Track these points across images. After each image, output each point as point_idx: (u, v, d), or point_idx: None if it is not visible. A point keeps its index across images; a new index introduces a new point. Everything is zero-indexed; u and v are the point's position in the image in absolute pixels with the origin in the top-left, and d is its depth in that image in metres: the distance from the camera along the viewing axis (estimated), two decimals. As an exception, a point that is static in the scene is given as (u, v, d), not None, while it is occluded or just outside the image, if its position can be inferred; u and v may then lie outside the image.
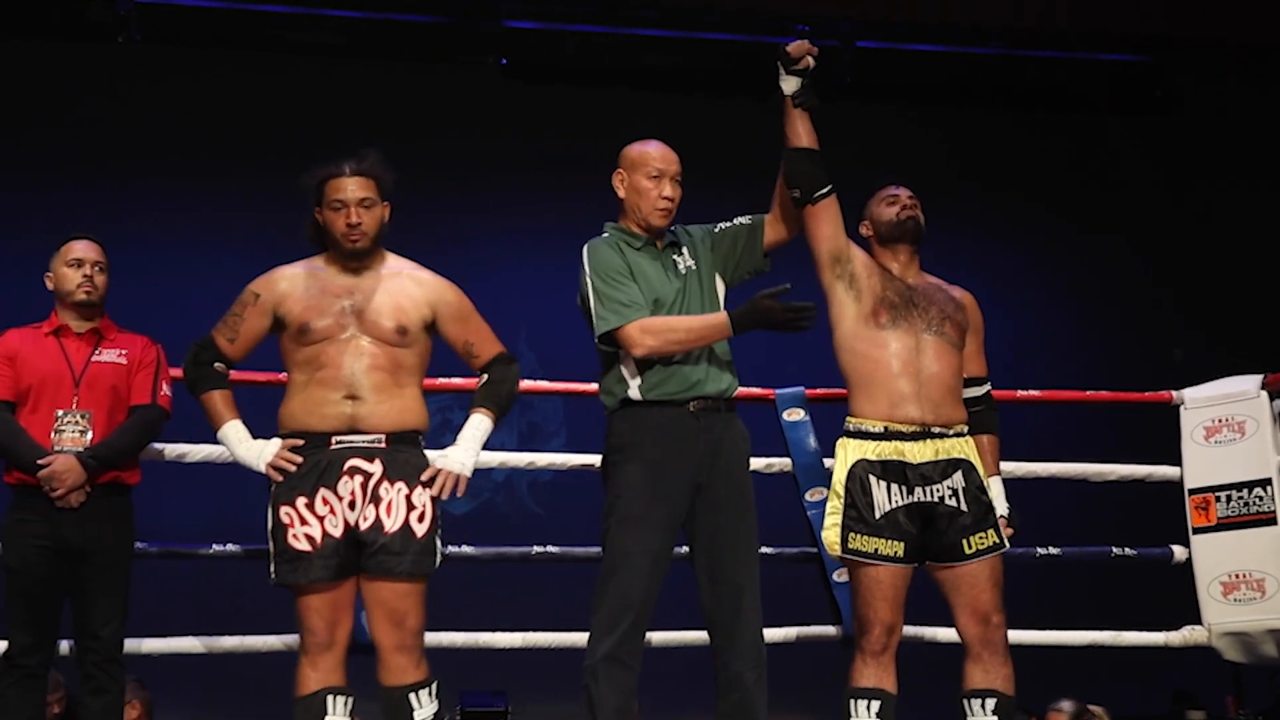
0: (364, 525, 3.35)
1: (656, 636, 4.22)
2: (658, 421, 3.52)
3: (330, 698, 3.36)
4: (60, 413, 3.73)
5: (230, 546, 4.26)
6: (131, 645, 3.87)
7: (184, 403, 4.14)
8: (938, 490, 3.54)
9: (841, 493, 3.56)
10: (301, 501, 3.36)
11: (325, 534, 3.35)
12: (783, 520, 4.40)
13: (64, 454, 3.67)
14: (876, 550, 3.50)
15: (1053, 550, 4.66)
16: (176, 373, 3.99)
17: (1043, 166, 8.50)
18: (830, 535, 3.57)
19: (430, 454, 3.49)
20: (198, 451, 4.22)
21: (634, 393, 3.55)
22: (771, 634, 4.21)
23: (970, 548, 3.53)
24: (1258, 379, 4.65)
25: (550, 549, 4.44)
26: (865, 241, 3.74)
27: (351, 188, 3.46)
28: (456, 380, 4.42)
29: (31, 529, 3.68)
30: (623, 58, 8.06)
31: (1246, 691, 5.26)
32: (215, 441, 4.19)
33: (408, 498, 3.38)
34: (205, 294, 7.55)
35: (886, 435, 3.55)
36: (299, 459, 3.37)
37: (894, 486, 3.53)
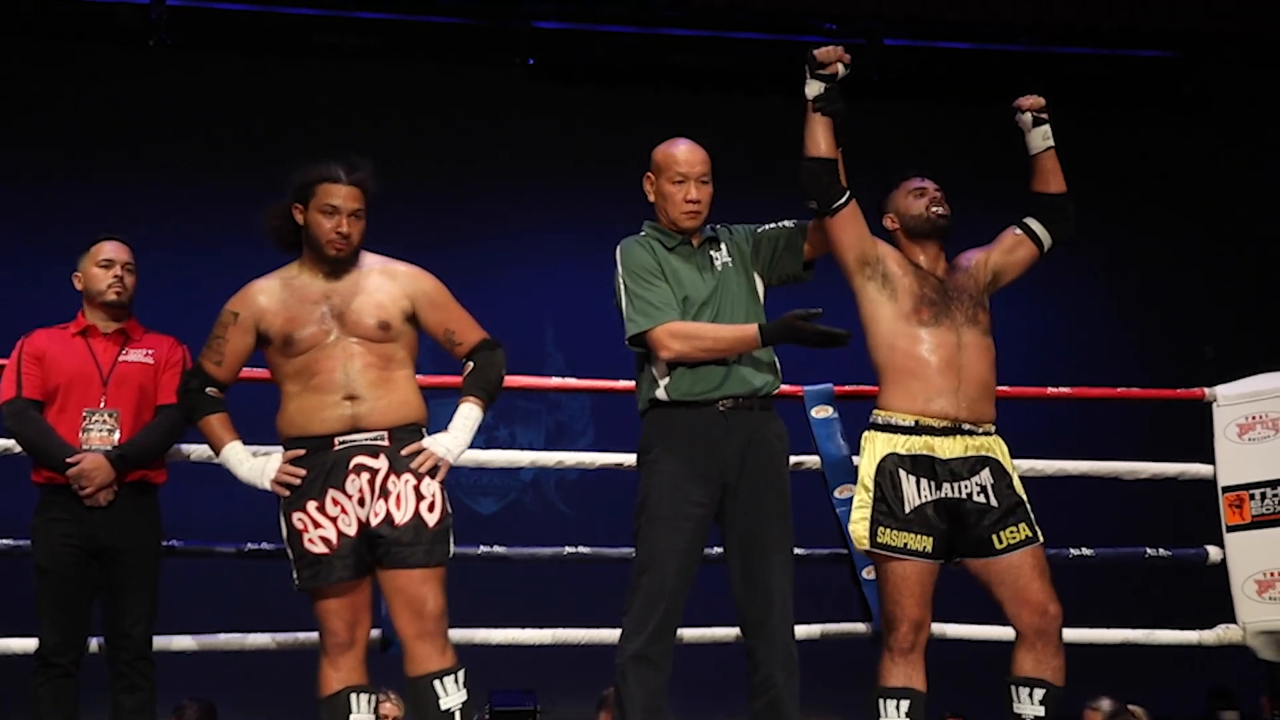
0: (375, 520, 3.33)
1: (691, 634, 4.23)
2: (685, 421, 3.52)
3: (354, 696, 3.35)
4: (88, 412, 3.74)
5: (264, 545, 4.27)
6: (161, 643, 3.89)
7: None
8: (965, 486, 3.50)
9: (870, 486, 3.52)
10: (312, 505, 3.35)
11: (340, 534, 3.34)
12: (811, 518, 4.39)
13: (92, 453, 3.69)
14: (905, 545, 3.46)
15: (1086, 552, 4.63)
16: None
17: (1072, 163, 8.44)
18: (858, 529, 3.53)
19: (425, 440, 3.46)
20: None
21: (661, 393, 3.55)
22: (801, 631, 4.20)
23: (1000, 542, 3.49)
24: (1291, 375, 4.61)
25: (582, 549, 4.44)
26: (889, 234, 3.69)
27: (347, 196, 3.43)
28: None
29: (60, 528, 3.70)
30: (650, 58, 8.07)
31: (1281, 691, 5.22)
32: (245, 442, 4.26)
33: (416, 489, 3.36)
34: (232, 296, 7.62)
35: (917, 430, 3.51)
36: (302, 472, 3.36)
37: (923, 481, 3.49)
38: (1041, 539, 3.54)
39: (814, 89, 3.55)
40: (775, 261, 3.67)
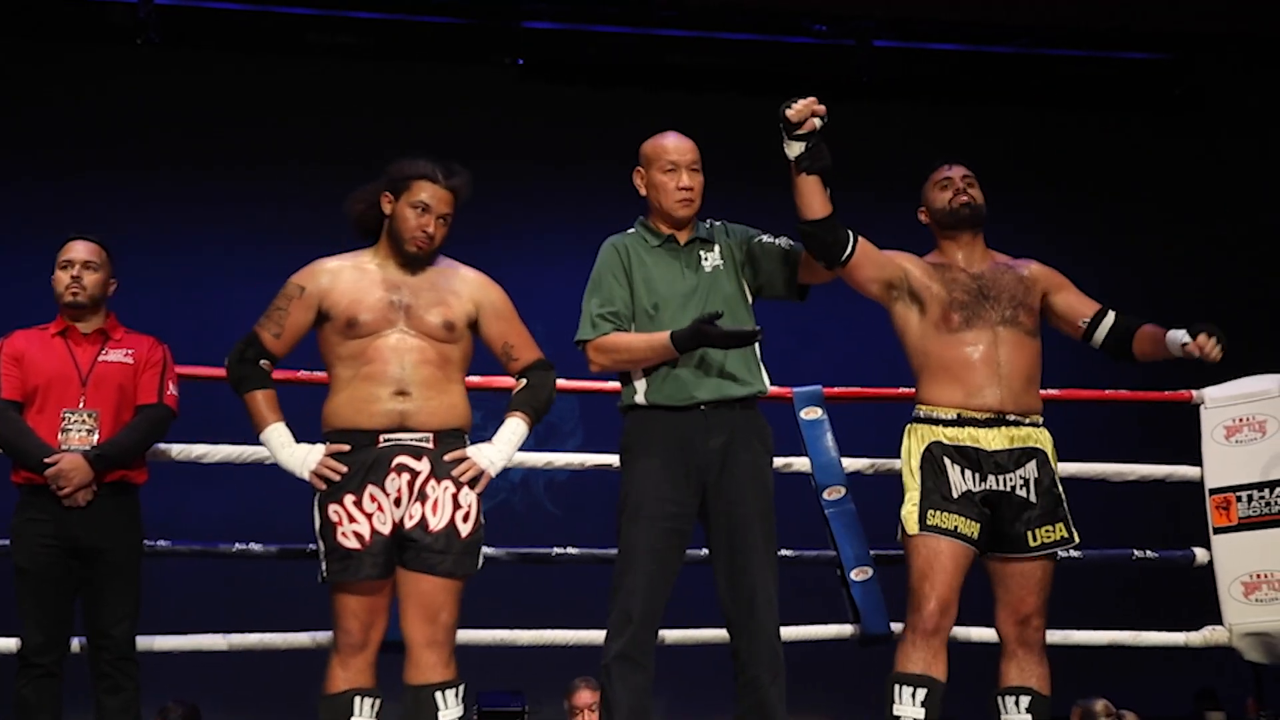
0: (409, 523, 3.32)
1: (679, 635, 4.23)
2: (662, 422, 3.53)
3: (358, 699, 3.33)
4: (67, 412, 3.73)
5: (254, 546, 4.27)
6: (144, 643, 3.88)
7: (196, 403, 4.17)
8: (1010, 479, 3.46)
9: (916, 473, 3.48)
10: (349, 499, 3.32)
11: (374, 531, 3.31)
12: (800, 519, 4.39)
13: (71, 453, 3.68)
14: (956, 528, 3.40)
15: (1074, 553, 4.63)
16: (183, 371, 4.02)
17: (1062, 164, 8.47)
18: (909, 514, 3.46)
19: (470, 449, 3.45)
20: (217, 452, 4.23)
21: (640, 398, 3.56)
22: (790, 633, 4.21)
23: (1035, 540, 3.45)
24: (1278, 378, 4.62)
25: (570, 550, 4.44)
26: (925, 228, 3.65)
27: (440, 198, 3.43)
28: (474, 379, 4.44)
29: (40, 528, 3.69)
30: (642, 57, 8.07)
31: (1267, 692, 5.24)
32: (231, 442, 4.27)
33: (454, 497, 3.35)
34: (222, 296, 7.61)
35: (960, 422, 3.47)
36: (343, 468, 3.33)
37: (969, 472, 3.44)
38: (1077, 538, 3.51)
39: (794, 149, 3.44)
40: (763, 278, 3.65)
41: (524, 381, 3.55)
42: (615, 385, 3.73)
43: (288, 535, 4.47)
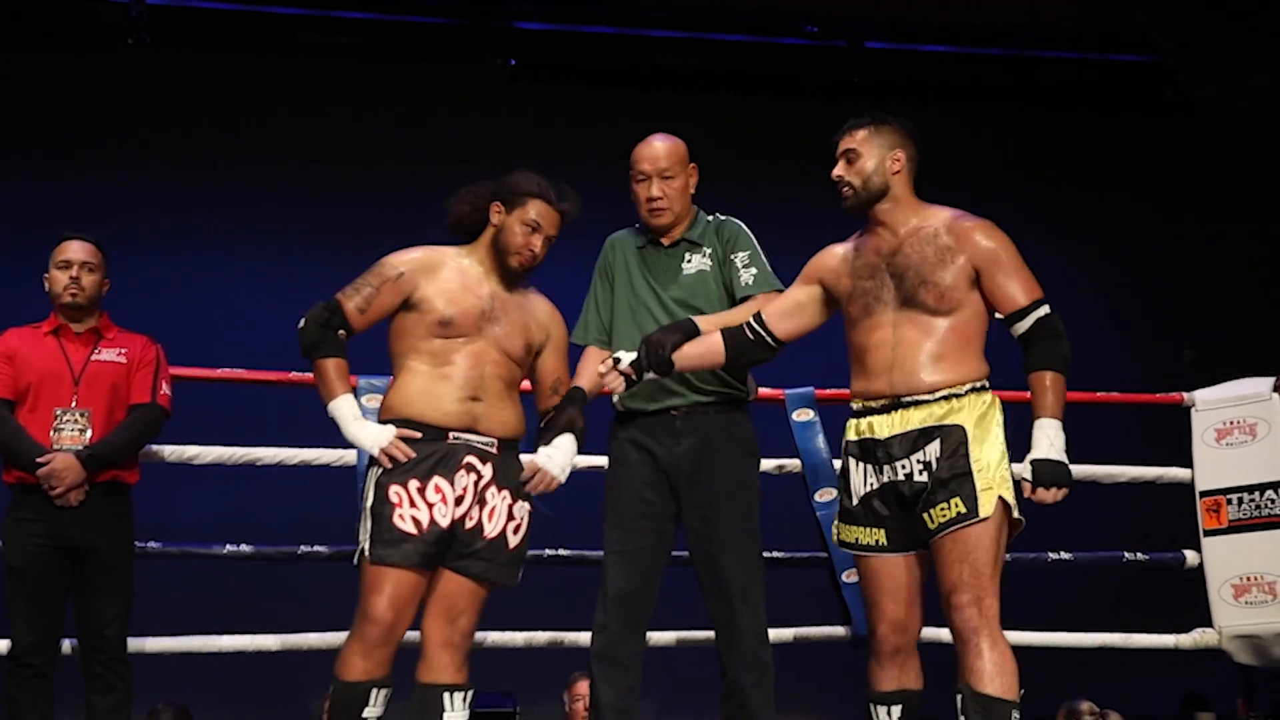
0: (468, 524, 3.30)
1: (667, 637, 4.23)
2: (636, 426, 3.56)
3: (375, 690, 3.26)
4: (59, 411, 3.73)
5: (245, 547, 4.27)
6: (134, 644, 3.88)
7: (189, 404, 4.16)
8: (905, 466, 3.18)
9: (838, 481, 3.40)
10: (414, 484, 3.27)
11: (433, 521, 3.26)
12: (793, 521, 4.40)
13: (63, 452, 3.67)
14: (857, 540, 3.25)
15: (1065, 555, 4.64)
16: (176, 371, 4.02)
17: (1053, 167, 8.48)
18: (835, 529, 3.36)
19: (526, 458, 3.42)
20: (209, 453, 4.22)
21: (616, 401, 3.58)
22: (781, 634, 4.21)
23: (933, 522, 3.12)
24: (1269, 381, 4.63)
25: (562, 551, 4.44)
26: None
27: (551, 220, 3.42)
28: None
29: (31, 528, 3.69)
30: (634, 58, 8.06)
31: (1257, 694, 5.24)
32: (223, 443, 4.26)
33: (510, 507, 3.35)
34: (214, 295, 7.60)
35: (862, 412, 3.28)
36: (412, 453, 3.29)
37: (868, 468, 3.25)
38: (979, 514, 3.09)
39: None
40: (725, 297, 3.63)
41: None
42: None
43: (279, 537, 4.47)
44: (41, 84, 7.63)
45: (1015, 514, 3.15)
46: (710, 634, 3.59)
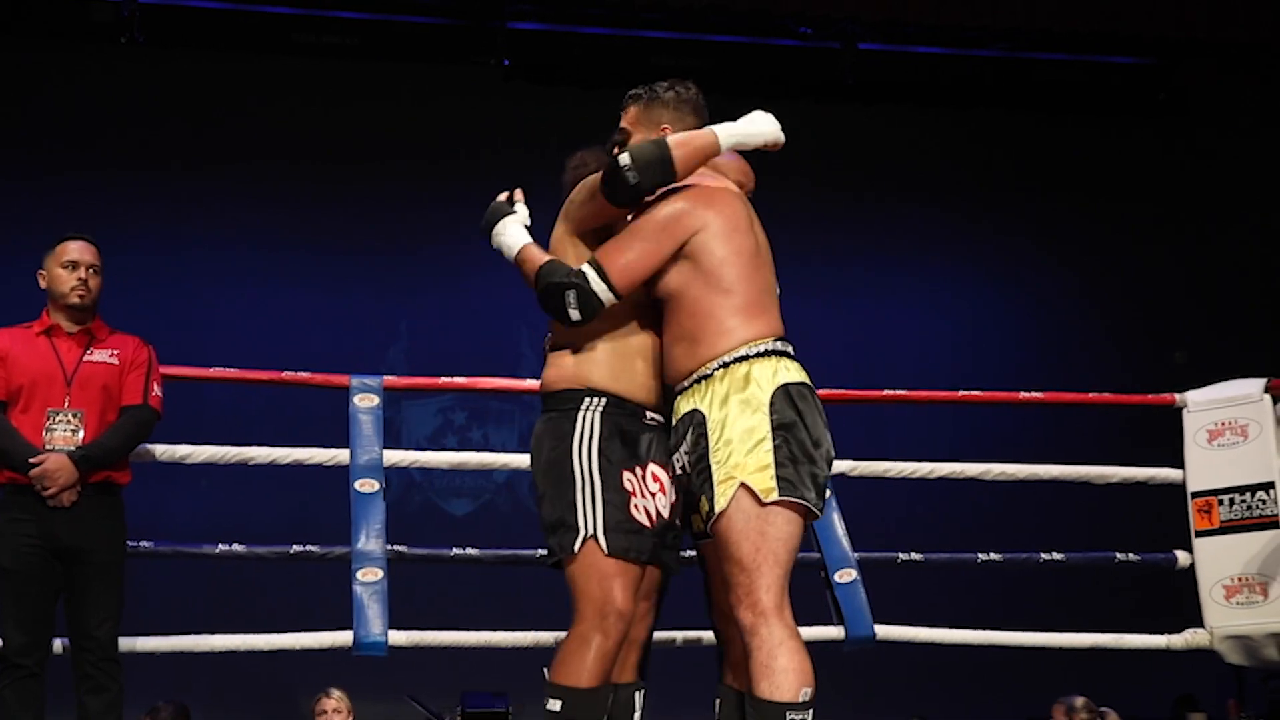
0: (675, 514, 3.00)
1: (666, 635, 4.23)
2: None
3: (638, 694, 3.03)
4: (51, 412, 3.72)
5: (237, 547, 4.27)
6: (126, 644, 3.87)
7: (181, 404, 4.16)
8: (679, 460, 2.95)
9: None
10: (642, 471, 2.96)
11: (658, 513, 2.96)
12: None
13: (55, 453, 3.66)
14: (695, 527, 2.98)
15: (1057, 556, 4.65)
16: (168, 371, 4.02)
17: (1047, 168, 8.50)
18: None
19: None
20: (201, 453, 4.22)
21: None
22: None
23: (702, 524, 2.91)
24: (1261, 382, 4.64)
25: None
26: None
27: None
28: (459, 380, 4.44)
29: (23, 528, 3.67)
30: (628, 59, 8.07)
31: (1248, 695, 5.26)
32: (215, 443, 4.27)
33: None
34: (207, 294, 7.60)
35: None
36: None
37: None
38: (718, 508, 2.82)
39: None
40: None
41: None
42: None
43: (271, 536, 4.47)
44: (34, 83, 7.63)
45: (773, 496, 2.80)
46: (710, 634, 3.58)
